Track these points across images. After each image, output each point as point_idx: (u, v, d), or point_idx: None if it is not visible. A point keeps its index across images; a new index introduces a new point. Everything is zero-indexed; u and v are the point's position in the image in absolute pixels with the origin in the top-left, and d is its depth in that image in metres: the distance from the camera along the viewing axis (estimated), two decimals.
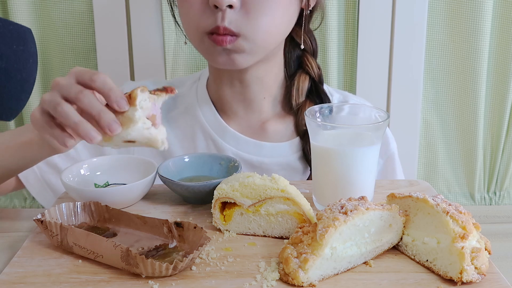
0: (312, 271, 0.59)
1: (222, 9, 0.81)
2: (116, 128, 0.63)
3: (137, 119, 0.62)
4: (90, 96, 0.64)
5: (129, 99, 0.63)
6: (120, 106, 0.63)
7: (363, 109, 0.81)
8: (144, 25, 1.24)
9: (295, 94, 0.97)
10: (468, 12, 1.22)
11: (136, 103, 0.63)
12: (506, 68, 1.25)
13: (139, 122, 0.63)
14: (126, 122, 0.63)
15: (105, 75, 0.65)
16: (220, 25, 0.82)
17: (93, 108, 0.63)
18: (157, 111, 0.66)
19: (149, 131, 0.63)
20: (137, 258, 0.60)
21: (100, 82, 0.64)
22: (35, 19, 1.25)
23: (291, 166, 0.97)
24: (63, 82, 0.65)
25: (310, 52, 1.00)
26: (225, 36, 0.83)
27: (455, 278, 0.60)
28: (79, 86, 0.65)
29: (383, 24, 1.25)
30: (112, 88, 0.64)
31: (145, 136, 0.63)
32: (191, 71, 1.28)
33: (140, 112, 0.63)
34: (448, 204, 0.63)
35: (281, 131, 0.99)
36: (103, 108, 0.63)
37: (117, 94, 0.63)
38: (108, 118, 0.62)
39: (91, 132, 0.62)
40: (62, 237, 0.66)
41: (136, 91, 0.63)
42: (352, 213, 0.61)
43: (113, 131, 0.62)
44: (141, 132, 0.63)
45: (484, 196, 1.36)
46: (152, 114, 0.64)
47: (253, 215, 0.70)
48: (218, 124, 0.99)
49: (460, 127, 1.32)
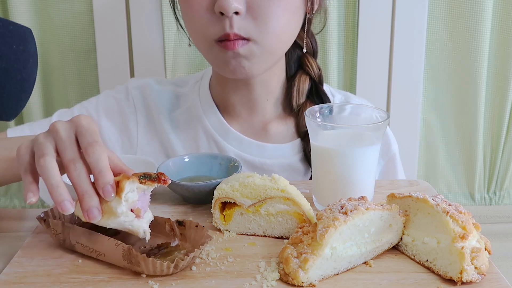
0: (312, 271, 0.59)
1: (229, 15, 0.80)
2: (96, 216, 0.58)
3: (119, 214, 0.59)
4: (81, 171, 0.60)
5: (117, 189, 0.59)
6: (106, 195, 0.59)
7: (364, 109, 0.81)
8: (144, 25, 1.24)
9: (296, 95, 0.97)
10: (468, 12, 1.22)
11: (122, 195, 0.59)
12: (506, 68, 1.25)
13: (121, 216, 0.60)
14: (108, 212, 0.60)
15: (103, 153, 0.60)
16: (229, 32, 0.81)
17: (79, 186, 0.59)
18: (145, 200, 0.63)
19: (130, 223, 0.60)
20: (138, 257, 0.60)
21: (94, 158, 0.59)
22: (35, 19, 1.25)
23: (293, 167, 0.97)
24: (63, 133, 0.62)
25: (311, 52, 1.00)
26: (236, 41, 0.82)
27: (455, 278, 0.60)
28: (75, 150, 0.61)
29: (383, 24, 1.25)
30: (103, 171, 0.59)
31: (125, 227, 0.60)
32: (191, 71, 1.28)
33: (123, 207, 0.59)
34: (448, 204, 0.63)
35: (283, 132, 0.99)
36: (89, 190, 0.59)
37: (106, 180, 0.59)
38: (90, 203, 0.58)
39: (66, 202, 0.58)
40: (65, 236, 0.66)
41: (125, 182, 0.60)
42: (352, 213, 0.61)
43: (91, 218, 0.58)
44: (122, 225, 0.60)
45: (484, 196, 1.36)
46: (137, 207, 0.61)
47: (253, 215, 0.70)
48: (220, 125, 0.98)
49: (460, 127, 1.32)
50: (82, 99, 1.31)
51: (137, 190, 0.61)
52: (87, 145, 0.60)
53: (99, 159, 0.60)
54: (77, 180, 0.59)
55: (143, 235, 0.61)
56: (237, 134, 0.98)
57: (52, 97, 1.33)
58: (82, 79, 1.30)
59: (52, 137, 0.62)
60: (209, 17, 0.83)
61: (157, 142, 1.01)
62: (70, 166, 0.60)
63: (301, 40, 0.97)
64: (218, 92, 0.99)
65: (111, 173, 0.60)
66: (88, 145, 0.60)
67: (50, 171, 0.59)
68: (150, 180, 0.62)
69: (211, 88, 1.01)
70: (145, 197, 0.63)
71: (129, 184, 0.60)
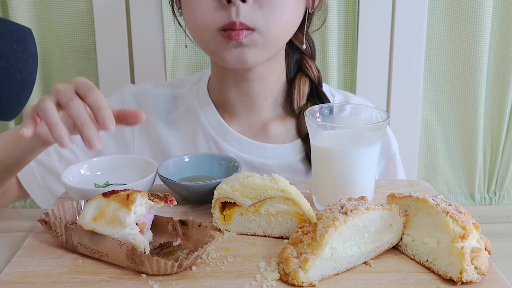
0: (312, 271, 0.59)
1: (236, 3, 0.81)
2: (96, 144, 0.62)
3: (126, 224, 0.62)
4: (80, 106, 0.63)
5: (127, 201, 0.62)
6: (106, 125, 0.63)
7: (364, 109, 0.81)
8: (144, 25, 1.24)
9: (297, 97, 0.97)
10: (468, 12, 1.22)
11: (131, 208, 0.62)
12: (506, 68, 1.25)
13: (127, 227, 0.62)
14: (115, 221, 0.62)
15: (100, 94, 0.65)
16: (236, 21, 0.81)
17: (79, 118, 0.62)
18: (149, 217, 0.65)
19: (134, 237, 0.62)
20: (142, 256, 0.60)
21: (93, 98, 0.64)
22: (35, 19, 1.25)
23: (293, 167, 0.97)
24: (61, 87, 0.66)
25: (309, 54, 1.00)
26: (241, 31, 0.82)
27: (455, 278, 0.60)
28: (73, 94, 0.65)
29: (383, 24, 1.25)
30: (101, 107, 0.63)
31: (128, 240, 0.62)
32: (191, 71, 1.28)
33: (132, 218, 0.62)
34: (448, 204, 0.63)
35: (283, 133, 0.99)
36: (88, 121, 0.62)
37: (105, 113, 0.63)
38: (91, 133, 0.62)
39: (64, 138, 0.62)
40: (67, 237, 0.66)
41: (136, 195, 0.62)
42: (352, 213, 0.61)
43: (92, 146, 0.62)
44: (125, 236, 0.62)
45: (484, 196, 1.36)
46: (142, 221, 0.63)
47: (253, 215, 0.70)
48: (219, 125, 0.98)
49: (460, 127, 1.32)
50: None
51: (145, 206, 0.64)
52: (85, 91, 0.65)
53: (97, 99, 0.64)
54: (76, 114, 0.63)
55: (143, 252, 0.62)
56: (236, 135, 0.98)
57: None
58: None
59: (53, 94, 0.66)
60: (216, 5, 0.83)
61: (155, 147, 1.01)
62: (69, 103, 0.64)
63: (299, 42, 0.97)
64: (217, 91, 0.99)
65: (110, 110, 0.64)
66: (87, 90, 0.65)
67: (49, 111, 0.63)
68: (158, 198, 0.64)
69: (209, 89, 1.01)
70: (150, 215, 0.65)
71: (140, 197, 0.63)
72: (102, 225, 0.63)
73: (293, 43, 0.98)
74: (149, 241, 0.65)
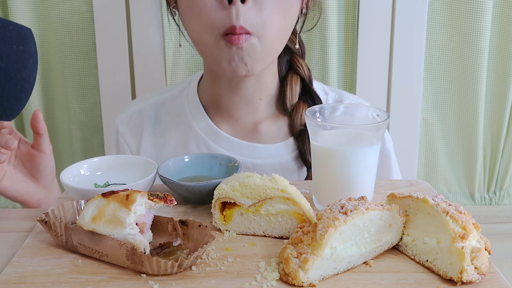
0: (312, 271, 0.59)
1: (236, 4, 0.81)
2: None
3: (126, 224, 0.62)
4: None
5: (126, 201, 0.62)
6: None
7: (360, 108, 0.81)
8: (144, 25, 1.24)
9: (289, 95, 0.98)
10: (468, 12, 1.22)
11: (131, 208, 0.62)
12: (506, 68, 1.25)
13: (127, 227, 0.62)
14: (115, 221, 0.62)
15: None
16: (236, 25, 0.82)
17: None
18: (149, 217, 0.65)
19: (134, 237, 0.62)
20: (142, 257, 0.60)
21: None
22: (35, 19, 1.25)
23: (285, 166, 0.98)
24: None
25: (299, 54, 1.01)
26: (241, 35, 0.83)
27: (455, 278, 0.60)
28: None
29: (383, 24, 1.25)
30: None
31: (128, 240, 0.62)
32: (191, 71, 1.28)
33: (132, 218, 0.62)
34: (448, 204, 0.63)
35: (274, 132, 0.99)
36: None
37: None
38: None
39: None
40: (67, 237, 0.66)
41: (136, 195, 0.63)
42: (352, 213, 0.61)
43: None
44: (126, 237, 0.62)
45: (484, 196, 1.36)
46: (142, 221, 0.64)
47: (253, 215, 0.70)
48: (209, 128, 0.99)
49: (460, 127, 1.32)
50: (82, 99, 1.32)
51: (145, 205, 0.64)
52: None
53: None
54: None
55: (143, 252, 0.62)
56: (226, 137, 0.98)
57: (52, 97, 1.33)
58: (82, 79, 1.30)
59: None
60: (217, 6, 0.83)
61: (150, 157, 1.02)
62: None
63: (291, 42, 0.98)
64: (209, 94, 1.00)
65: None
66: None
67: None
68: (158, 198, 0.64)
69: (200, 91, 1.02)
70: (149, 215, 0.65)
71: (140, 197, 0.63)
72: (102, 225, 0.63)
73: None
74: (149, 241, 0.65)
